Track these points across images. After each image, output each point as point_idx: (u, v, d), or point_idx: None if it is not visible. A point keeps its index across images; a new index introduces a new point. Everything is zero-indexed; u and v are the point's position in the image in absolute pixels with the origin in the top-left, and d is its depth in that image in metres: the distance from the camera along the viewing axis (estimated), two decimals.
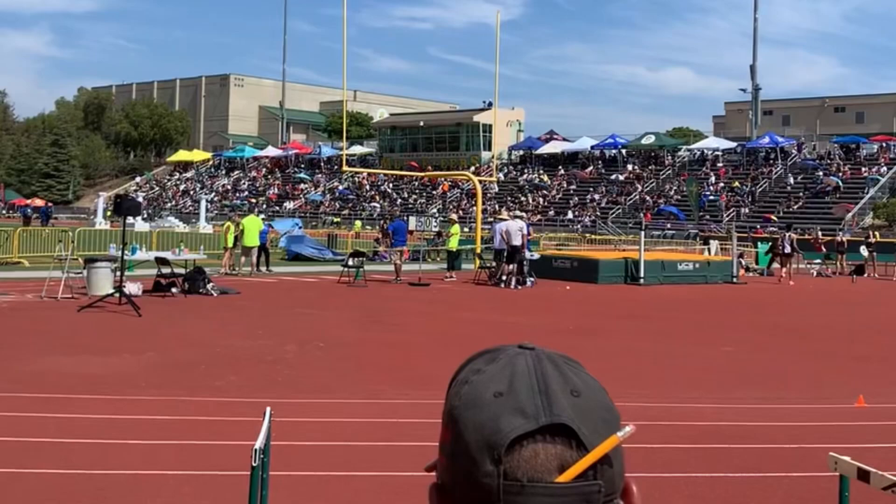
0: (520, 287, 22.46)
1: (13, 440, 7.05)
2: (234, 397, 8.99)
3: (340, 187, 77.47)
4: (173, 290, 18.89)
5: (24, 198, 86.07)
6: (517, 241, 22.42)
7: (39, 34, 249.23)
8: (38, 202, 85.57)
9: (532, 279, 23.53)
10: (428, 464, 1.01)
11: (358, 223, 54.18)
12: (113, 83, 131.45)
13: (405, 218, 41.25)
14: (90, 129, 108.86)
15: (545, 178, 70.03)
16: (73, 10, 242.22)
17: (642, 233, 26.89)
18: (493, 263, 24.04)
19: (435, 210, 67.21)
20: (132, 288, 17.49)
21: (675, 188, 62.54)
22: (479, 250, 28.59)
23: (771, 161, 62.89)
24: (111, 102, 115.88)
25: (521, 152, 76.47)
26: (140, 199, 53.67)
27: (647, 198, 62.32)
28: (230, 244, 25.01)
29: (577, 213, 62.19)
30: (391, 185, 75.75)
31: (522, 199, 65.55)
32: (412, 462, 6.69)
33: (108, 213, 57.15)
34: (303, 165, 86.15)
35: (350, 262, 23.21)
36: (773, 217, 54.67)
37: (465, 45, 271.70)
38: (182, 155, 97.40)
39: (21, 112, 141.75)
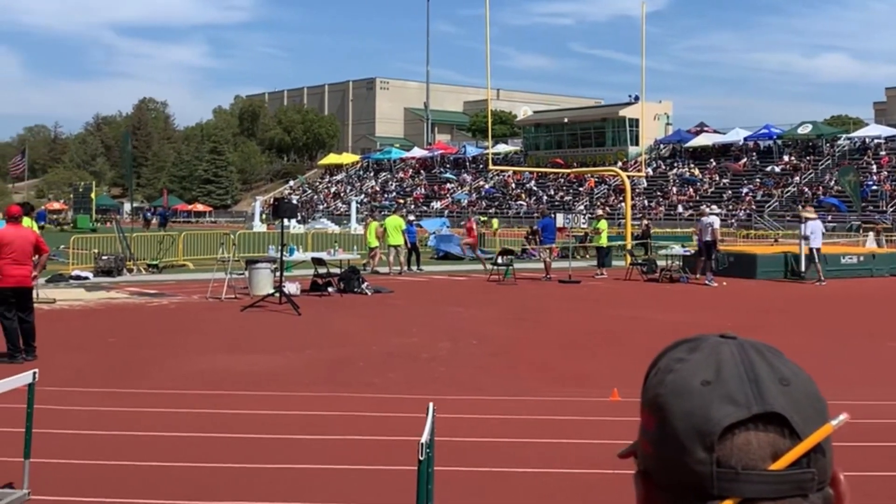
0: (712, 283, 22.23)
1: (182, 435, 7.40)
2: (393, 394, 9.16)
3: (486, 186, 77.82)
4: (330, 289, 19.41)
5: (186, 203, 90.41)
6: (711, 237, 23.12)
7: (195, 46, 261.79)
8: (200, 207, 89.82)
9: (687, 276, 23.11)
10: (622, 450, 1.02)
11: (495, 221, 53.62)
12: (265, 90, 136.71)
13: (553, 215, 41.00)
14: (245, 136, 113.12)
15: (696, 171, 68.37)
16: (225, 21, 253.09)
17: (802, 226, 25.83)
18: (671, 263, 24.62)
19: (582, 207, 66.66)
20: (291, 288, 18.05)
21: (835, 179, 59.93)
22: (629, 246, 28.17)
23: None
24: (264, 109, 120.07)
25: (670, 146, 74.87)
26: (294, 202, 55.32)
27: (806, 189, 60.00)
28: (374, 244, 25.41)
29: (730, 206, 60.45)
30: (536, 182, 75.56)
31: (673, 193, 64.18)
32: (568, 459, 6.67)
33: (265, 216, 59.22)
34: (448, 165, 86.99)
35: (499, 261, 23.31)
36: None
37: (607, 38, 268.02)
38: (332, 158, 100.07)
39: (180, 121, 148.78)
